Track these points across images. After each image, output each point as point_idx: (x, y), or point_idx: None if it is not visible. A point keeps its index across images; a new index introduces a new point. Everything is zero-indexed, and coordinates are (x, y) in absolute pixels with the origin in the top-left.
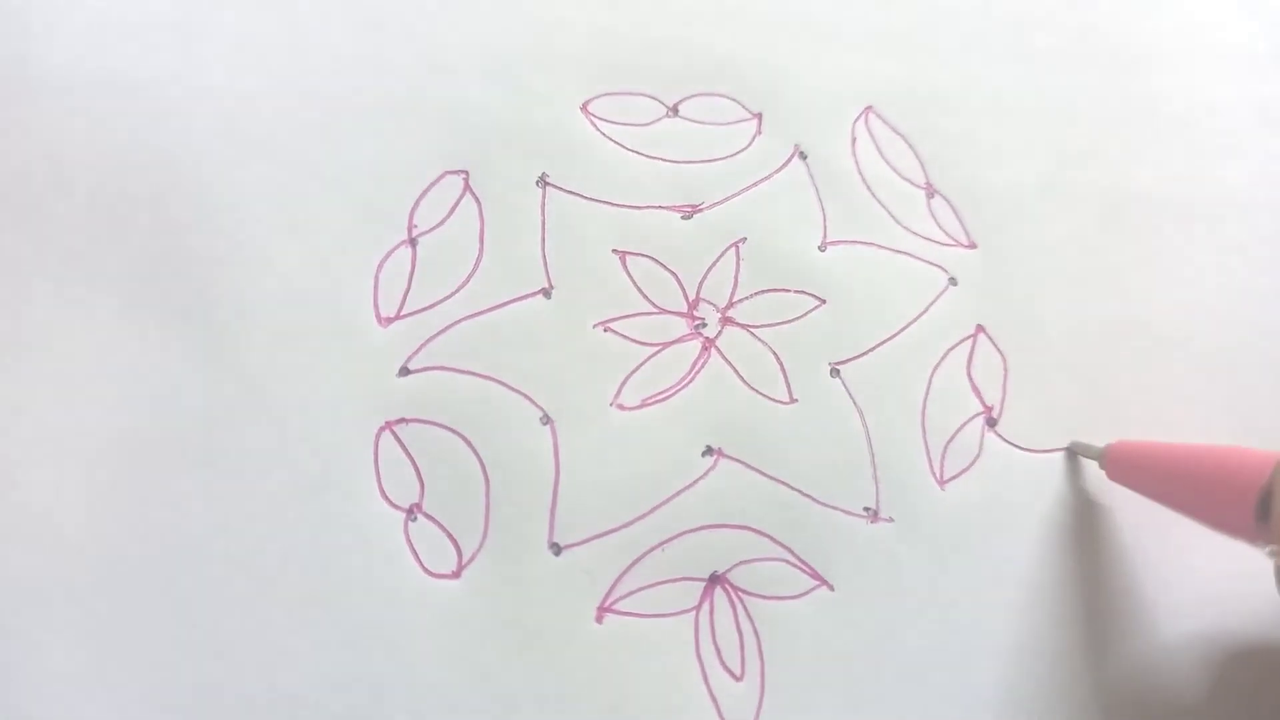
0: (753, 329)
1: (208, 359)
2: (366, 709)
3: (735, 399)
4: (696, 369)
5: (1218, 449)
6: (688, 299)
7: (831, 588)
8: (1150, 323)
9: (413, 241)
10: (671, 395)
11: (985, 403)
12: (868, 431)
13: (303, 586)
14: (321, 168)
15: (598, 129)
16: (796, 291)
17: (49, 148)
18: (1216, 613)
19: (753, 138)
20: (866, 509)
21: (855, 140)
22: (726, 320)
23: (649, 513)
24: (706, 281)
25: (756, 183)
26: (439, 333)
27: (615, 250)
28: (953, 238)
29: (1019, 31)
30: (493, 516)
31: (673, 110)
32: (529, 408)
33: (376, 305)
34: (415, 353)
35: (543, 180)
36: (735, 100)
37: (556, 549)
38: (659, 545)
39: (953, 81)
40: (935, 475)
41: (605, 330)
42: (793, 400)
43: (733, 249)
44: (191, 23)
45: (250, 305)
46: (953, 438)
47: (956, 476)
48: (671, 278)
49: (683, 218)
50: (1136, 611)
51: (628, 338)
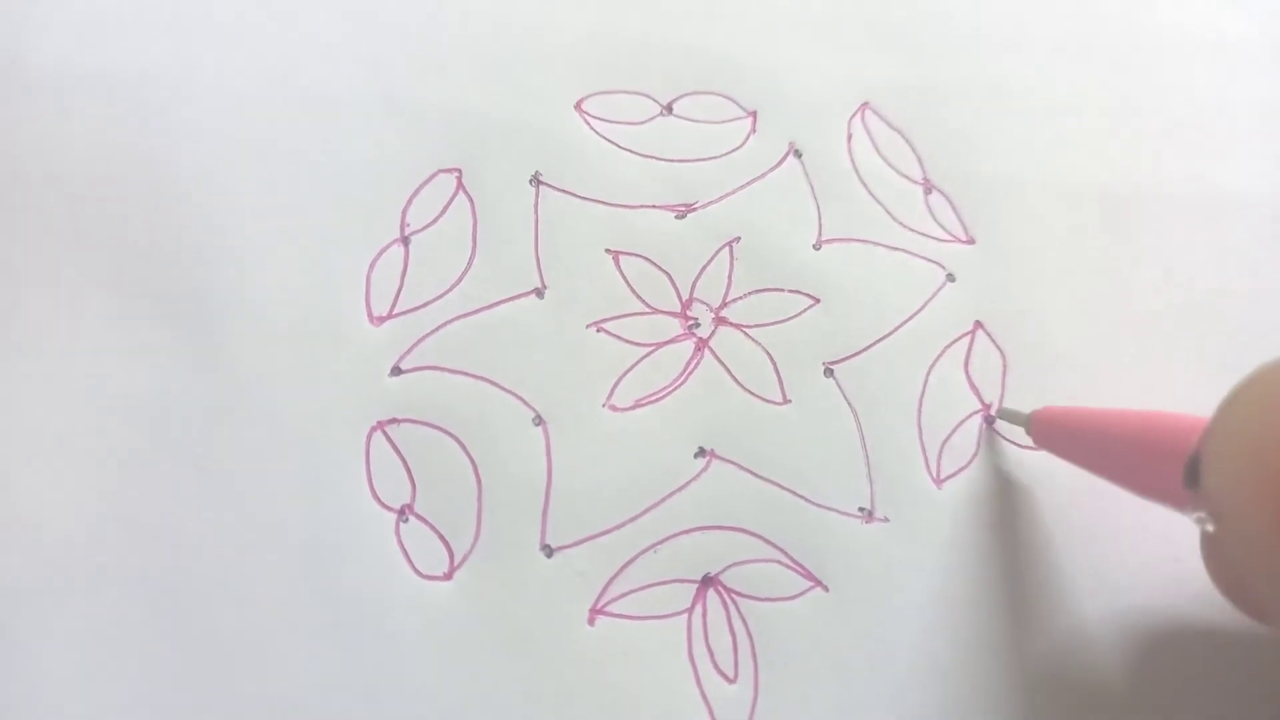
0: (746, 329)
1: (198, 357)
2: (357, 710)
3: (729, 400)
4: (690, 369)
5: (1146, 414)
6: (681, 299)
7: (826, 589)
8: (1149, 319)
9: (405, 240)
10: (665, 396)
11: (983, 400)
12: (862, 431)
13: (293, 587)
14: (313, 166)
15: (591, 128)
16: (791, 291)
17: (40, 146)
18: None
19: (747, 136)
20: (861, 509)
21: (851, 137)
22: (720, 320)
23: (642, 514)
24: (700, 281)
25: (751, 181)
26: (431, 332)
27: (609, 250)
28: (950, 233)
29: (1017, 26)
30: (485, 518)
31: (667, 109)
32: (521, 408)
33: (368, 304)
34: (407, 352)
35: (536, 179)
36: (729, 98)
37: (549, 550)
38: (652, 547)
39: (950, 76)
40: (932, 474)
41: (598, 330)
42: (786, 401)
43: (726, 248)
44: (183, 21)
45: (241, 304)
46: (950, 436)
47: (954, 475)
48: (665, 278)
49: (677, 217)
50: (1139, 610)
51: (621, 338)
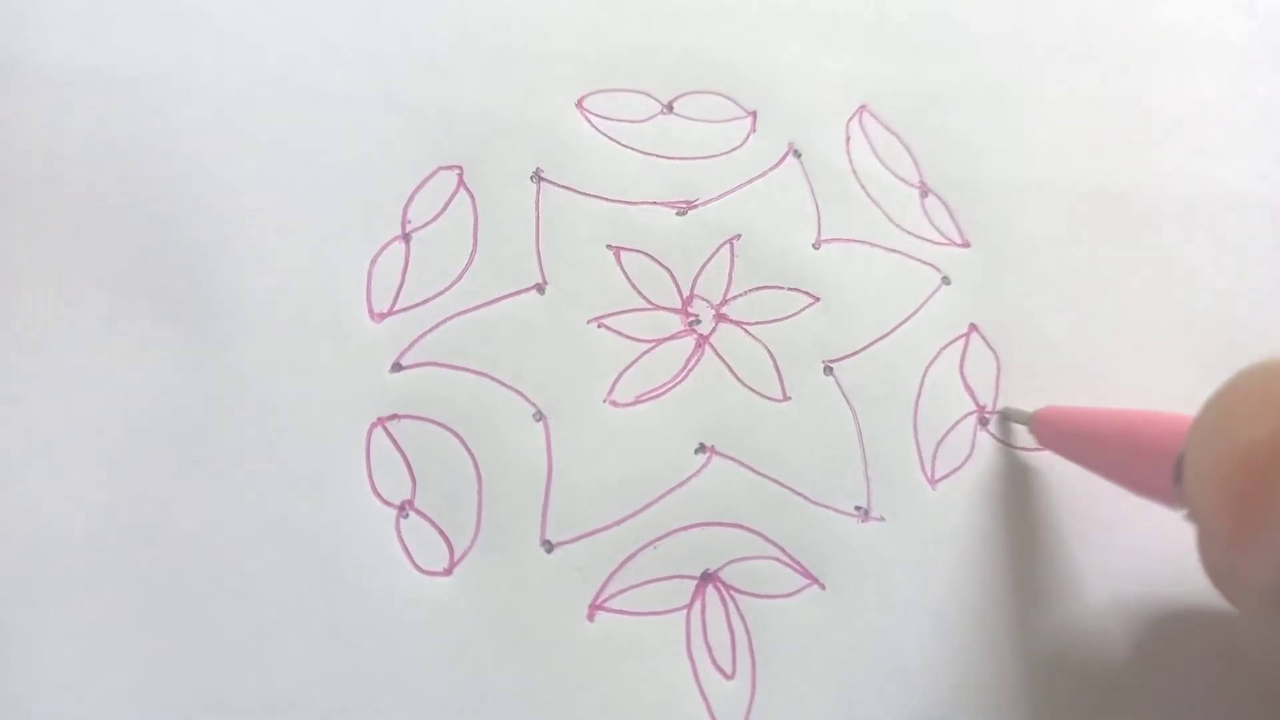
0: (746, 326)
1: (199, 354)
2: (357, 706)
3: (729, 396)
4: (690, 366)
5: (1140, 413)
6: (682, 295)
7: (823, 586)
8: (1145, 321)
9: (406, 237)
10: (665, 392)
11: (978, 402)
12: (860, 430)
13: (293, 583)
14: (314, 163)
15: (592, 125)
16: (790, 289)
17: (40, 144)
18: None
19: (747, 135)
20: (858, 508)
21: (849, 139)
22: (720, 317)
23: (641, 510)
24: (701, 278)
25: (751, 180)
26: (432, 328)
27: (609, 246)
28: (946, 236)
29: (1014, 29)
30: (485, 513)
31: (667, 108)
32: (522, 404)
33: (369, 301)
34: (408, 348)
35: (537, 176)
36: (730, 98)
37: (549, 546)
38: (651, 543)
39: (948, 80)
40: (926, 475)
41: (599, 326)
42: (786, 398)
43: (727, 246)
44: (183, 17)
45: (242, 300)
46: (945, 437)
47: (948, 476)
48: (666, 274)
49: (677, 214)
50: (1134, 611)
51: (621, 334)
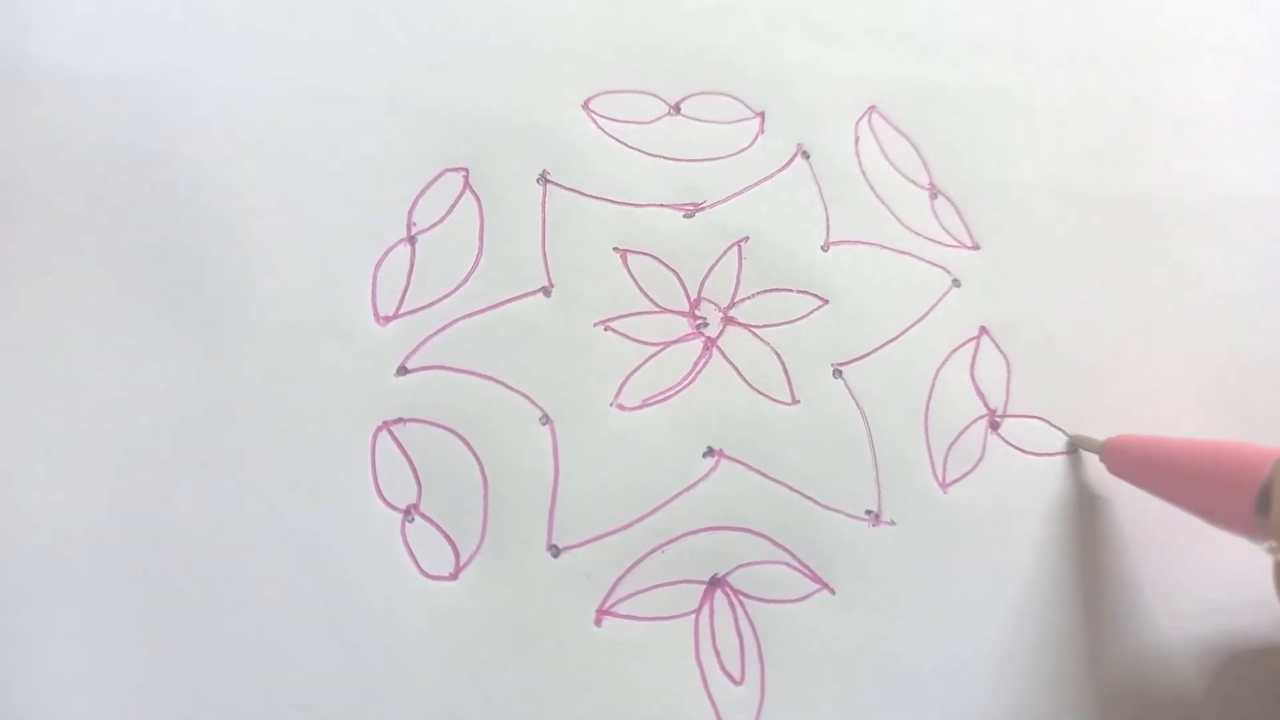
0: (755, 329)
1: (205, 357)
2: (362, 709)
3: (737, 399)
4: (698, 369)
5: (1219, 444)
6: (689, 298)
7: (833, 591)
8: (1154, 323)
9: (412, 239)
10: (672, 395)
11: (989, 405)
12: (870, 433)
13: (299, 587)
14: (320, 165)
15: (599, 127)
16: (799, 291)
17: (46, 144)
18: (1218, 615)
19: (755, 137)
20: (868, 512)
21: (858, 140)
22: (728, 320)
23: (649, 514)
24: (708, 281)
25: (759, 182)
26: (438, 331)
27: (616, 249)
28: (956, 239)
29: (1023, 30)
30: (491, 518)
31: (675, 109)
32: (528, 408)
33: (375, 304)
34: (413, 352)
35: (543, 178)
36: (738, 99)
37: (555, 551)
38: (659, 547)
39: (956, 81)
40: (938, 478)
41: (606, 329)
42: (795, 401)
43: (735, 248)
44: (189, 19)
45: (248, 303)
46: (955, 440)
47: (959, 480)
48: (673, 276)
49: (685, 216)
50: (1139, 616)
51: (628, 337)
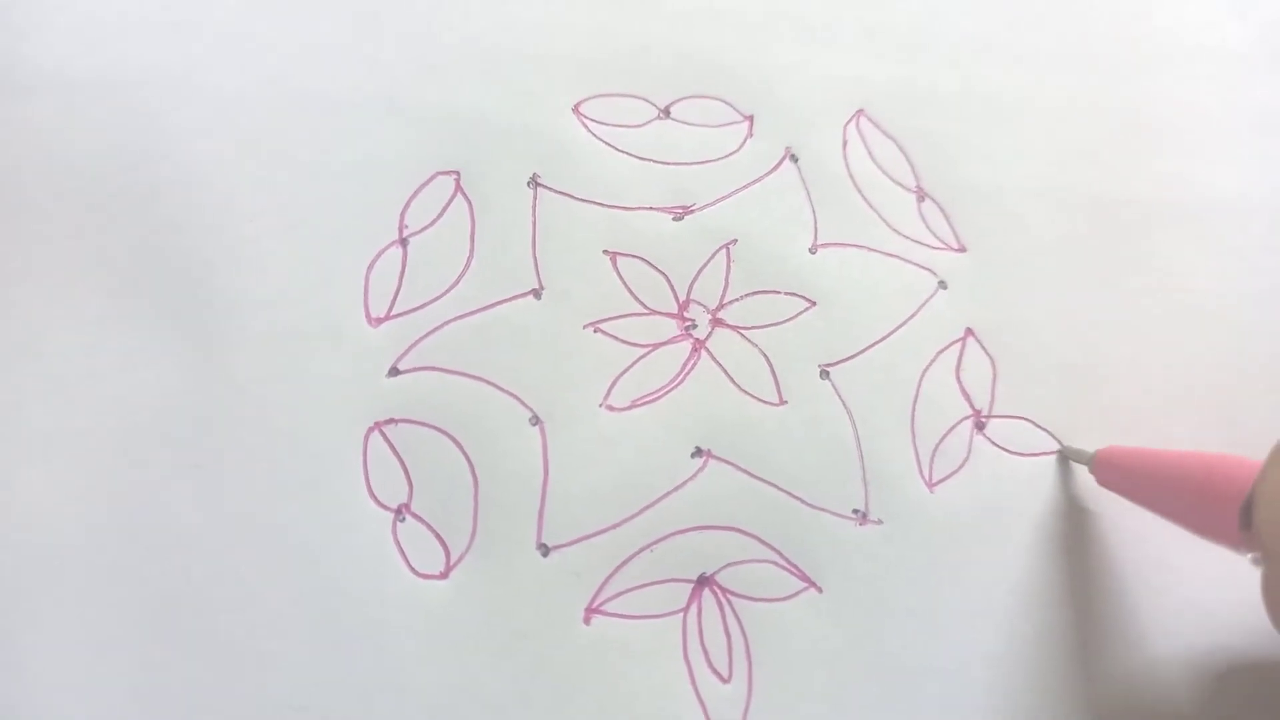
0: (743, 330)
1: (197, 358)
2: (354, 709)
3: (725, 400)
4: (686, 370)
5: (1204, 456)
6: (678, 300)
7: (820, 589)
8: (1141, 327)
9: (403, 242)
10: (661, 396)
11: (974, 406)
12: (857, 434)
13: (290, 586)
14: (313, 167)
15: (589, 130)
16: (787, 293)
17: (38, 146)
18: (1203, 620)
19: (744, 140)
20: (855, 511)
21: (846, 143)
22: (717, 322)
23: (638, 514)
24: (697, 283)
25: (748, 185)
26: (429, 333)
27: (606, 251)
28: (943, 241)
29: (1011, 34)
30: (481, 517)
31: (664, 112)
32: (518, 408)
33: (367, 305)
34: (405, 353)
35: (534, 181)
36: (727, 103)
37: (545, 550)
38: (647, 546)
39: (945, 84)
40: (924, 478)
41: (595, 331)
42: (782, 402)
43: (724, 251)
44: (183, 21)
45: (240, 305)
46: (942, 441)
47: (945, 479)
48: (662, 279)
49: (674, 219)
50: (1124, 616)
51: (618, 339)
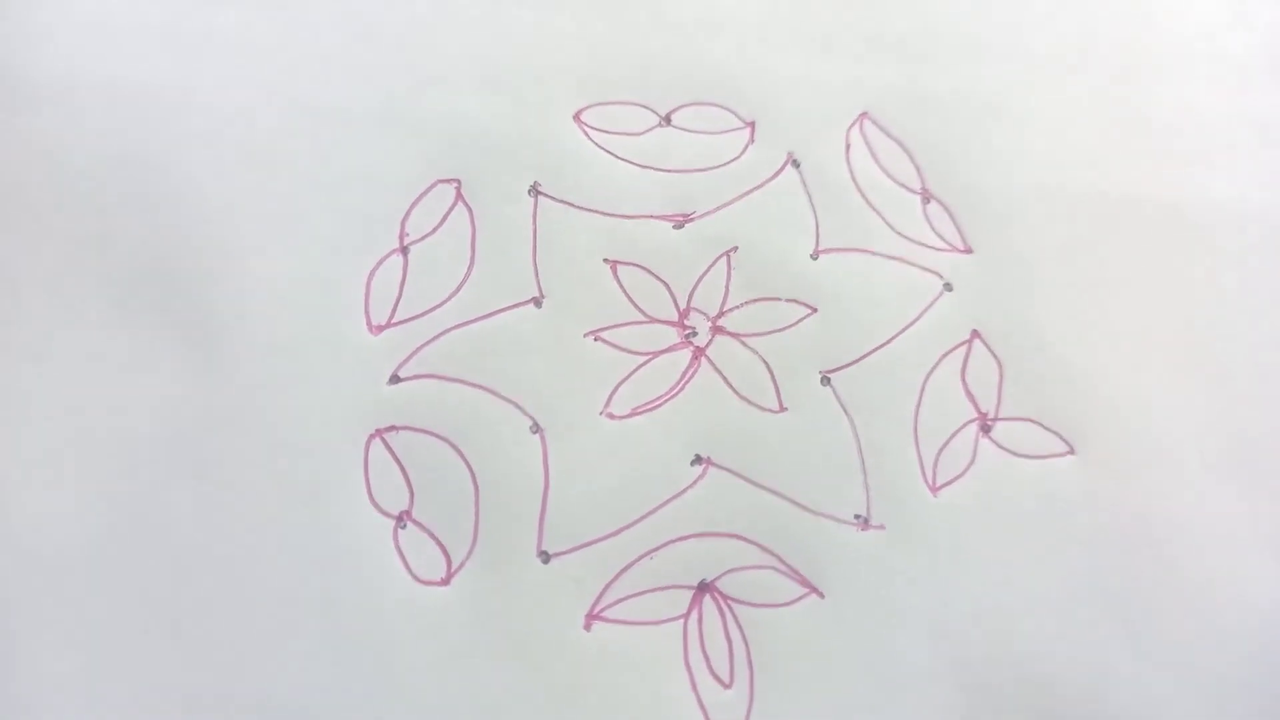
0: (743, 338)
1: (199, 366)
2: (355, 715)
3: (725, 408)
4: (686, 378)
5: None
6: (678, 308)
7: (822, 595)
8: (1146, 330)
9: (404, 250)
10: (662, 404)
11: (980, 409)
12: (858, 439)
13: (292, 593)
14: (314, 176)
15: (590, 138)
16: (788, 300)
17: (43, 155)
18: (1210, 624)
19: (745, 147)
20: (857, 516)
21: (849, 147)
22: (717, 329)
23: (638, 521)
24: (697, 291)
25: (749, 191)
26: (430, 341)
27: (606, 259)
28: (948, 242)
29: (1015, 36)
30: (482, 524)
31: (665, 120)
32: (519, 416)
33: (368, 313)
34: (406, 360)
35: (534, 189)
36: (728, 109)
37: (545, 557)
38: (648, 553)
39: (949, 87)
40: (928, 482)
41: (595, 339)
42: (783, 409)
43: (724, 258)
44: (186, 31)
45: (242, 313)
46: (946, 444)
47: (949, 483)
48: (662, 287)
49: (674, 227)
50: (1129, 620)
51: (618, 347)
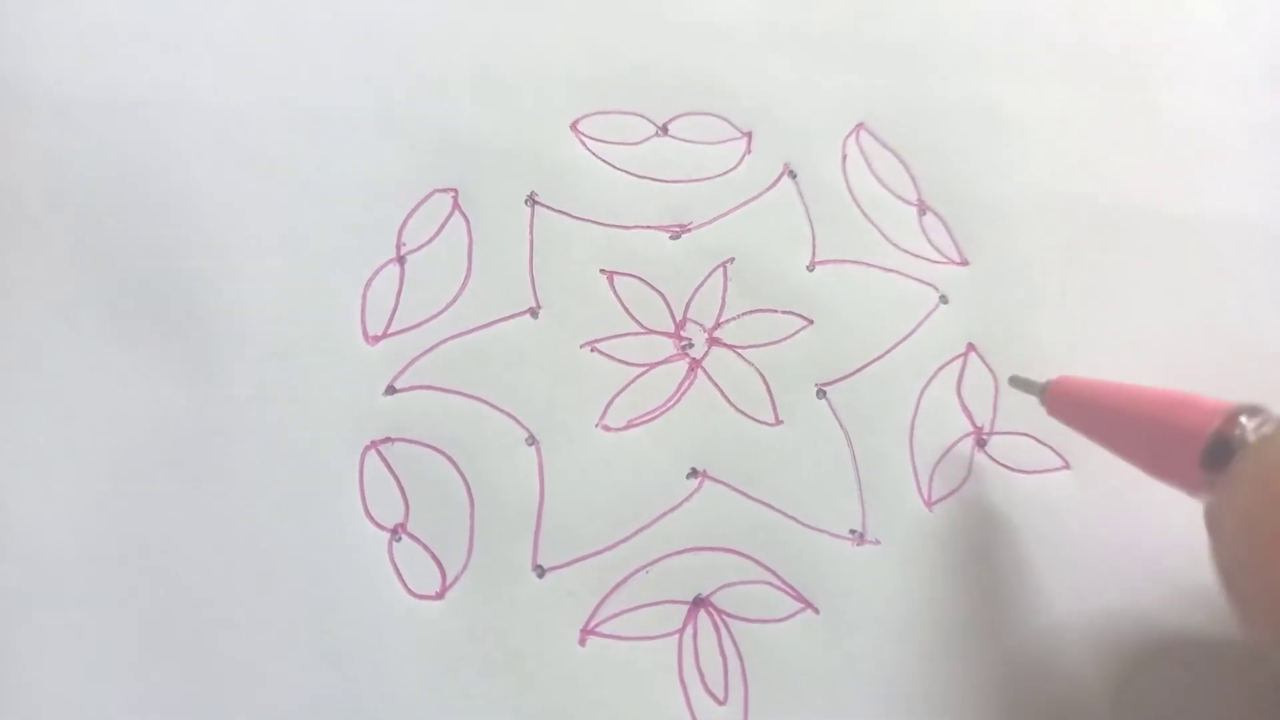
0: (739, 350)
1: (194, 376)
2: None
3: (721, 420)
4: (683, 390)
5: (1166, 393)
6: (675, 319)
7: (817, 611)
8: (1144, 343)
9: (401, 260)
10: (657, 416)
11: (975, 423)
12: (854, 453)
13: (286, 605)
14: (310, 185)
15: (587, 148)
16: (784, 312)
17: (39, 163)
18: (1210, 637)
19: (742, 156)
20: (853, 531)
21: (846, 158)
22: (713, 341)
23: (633, 535)
24: (694, 302)
25: (745, 202)
26: (426, 352)
27: (603, 270)
28: (944, 255)
29: (1013, 47)
30: (477, 537)
31: (662, 129)
32: (514, 428)
33: (364, 323)
34: (402, 372)
35: (531, 199)
36: (725, 119)
37: (540, 571)
38: (643, 567)
39: (946, 97)
40: (923, 496)
41: (592, 351)
42: (778, 422)
43: (720, 269)
44: (182, 39)
45: (237, 322)
46: (941, 458)
47: (945, 498)
48: (659, 298)
49: (671, 238)
50: (1126, 635)
51: (614, 358)
